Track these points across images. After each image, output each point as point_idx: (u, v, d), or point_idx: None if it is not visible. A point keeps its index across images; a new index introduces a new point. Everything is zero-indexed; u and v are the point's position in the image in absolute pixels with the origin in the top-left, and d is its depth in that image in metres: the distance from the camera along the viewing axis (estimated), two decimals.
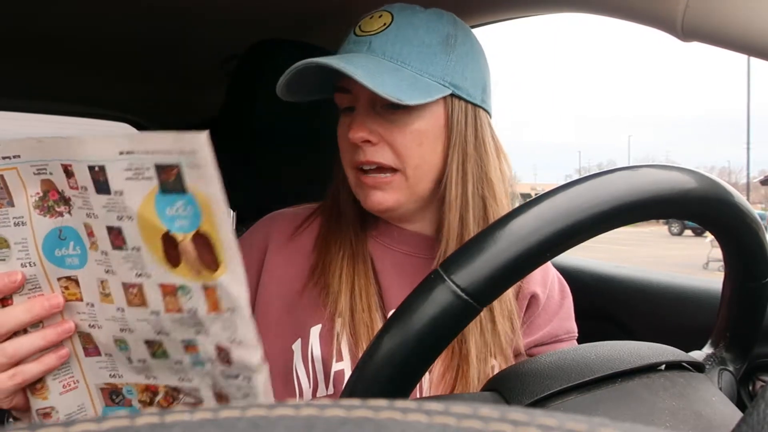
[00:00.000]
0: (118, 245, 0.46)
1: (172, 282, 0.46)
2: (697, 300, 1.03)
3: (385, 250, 0.75)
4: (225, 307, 0.46)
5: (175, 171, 0.42)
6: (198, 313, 0.46)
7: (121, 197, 0.44)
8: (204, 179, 0.41)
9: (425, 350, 0.39)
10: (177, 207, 0.43)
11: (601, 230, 0.40)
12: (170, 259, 0.45)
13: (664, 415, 0.43)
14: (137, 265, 0.46)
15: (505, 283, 0.40)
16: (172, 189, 0.42)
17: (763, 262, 0.49)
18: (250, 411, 0.13)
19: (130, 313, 0.49)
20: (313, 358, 0.70)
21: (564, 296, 0.81)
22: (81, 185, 0.46)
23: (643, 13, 0.69)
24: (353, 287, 0.71)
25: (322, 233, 0.76)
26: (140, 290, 0.47)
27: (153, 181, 0.43)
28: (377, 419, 0.13)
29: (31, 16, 1.15)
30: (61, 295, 0.50)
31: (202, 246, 0.43)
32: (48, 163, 0.46)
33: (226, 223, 0.42)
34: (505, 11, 1.03)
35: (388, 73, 0.64)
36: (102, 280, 0.49)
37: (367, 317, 0.69)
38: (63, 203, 0.48)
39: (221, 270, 0.44)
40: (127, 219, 0.45)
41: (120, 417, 0.13)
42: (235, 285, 0.44)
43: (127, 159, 0.43)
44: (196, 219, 0.43)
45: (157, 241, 0.44)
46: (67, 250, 0.49)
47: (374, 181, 0.69)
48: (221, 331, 0.47)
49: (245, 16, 1.16)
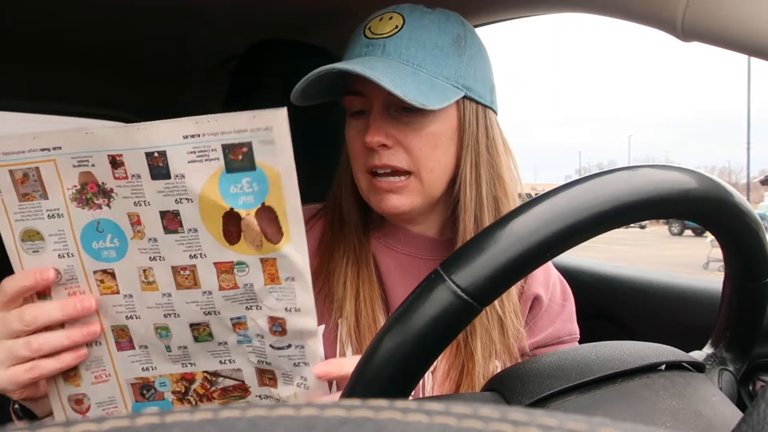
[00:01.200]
0: (172, 228, 0.47)
1: (229, 259, 0.47)
2: (697, 300, 1.03)
3: (389, 252, 0.75)
4: (284, 277, 0.47)
5: (244, 149, 0.43)
6: (254, 287, 0.48)
7: (182, 180, 0.45)
8: (276, 154, 0.42)
9: (425, 350, 0.39)
10: (242, 184, 0.44)
11: (602, 230, 0.40)
12: (229, 236, 0.46)
13: (664, 415, 0.43)
14: (192, 247, 0.47)
15: (506, 283, 0.40)
16: (239, 167, 0.43)
17: (763, 262, 0.49)
18: (250, 411, 0.13)
19: (179, 296, 0.49)
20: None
21: (566, 298, 0.81)
22: (132, 173, 0.46)
23: (643, 13, 0.69)
24: (358, 293, 0.71)
25: (324, 240, 0.75)
26: (193, 272, 0.48)
27: (219, 161, 0.44)
28: (377, 419, 0.13)
29: (31, 16, 1.15)
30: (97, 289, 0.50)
31: (267, 219, 0.45)
32: (92, 154, 0.46)
33: (295, 194, 0.44)
34: (506, 11, 1.03)
35: (409, 77, 0.64)
36: (144, 269, 0.49)
37: (371, 319, 0.69)
38: (102, 195, 0.48)
39: (284, 240, 0.45)
40: (186, 201, 0.46)
41: (120, 417, 0.13)
42: (297, 253, 0.46)
43: (192, 142, 0.43)
44: (262, 194, 0.44)
45: (217, 219, 0.46)
46: (104, 243, 0.49)
47: (390, 186, 0.68)
48: (276, 302, 0.48)
49: (245, 16, 1.16)
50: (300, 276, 0.47)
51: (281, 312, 0.49)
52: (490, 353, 0.70)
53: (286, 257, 0.46)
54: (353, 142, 0.71)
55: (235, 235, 0.46)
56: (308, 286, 0.47)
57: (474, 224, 0.70)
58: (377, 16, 0.70)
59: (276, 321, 0.49)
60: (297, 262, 0.46)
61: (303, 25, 1.18)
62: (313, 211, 0.80)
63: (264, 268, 0.47)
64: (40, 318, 0.49)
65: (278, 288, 0.48)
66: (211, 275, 0.48)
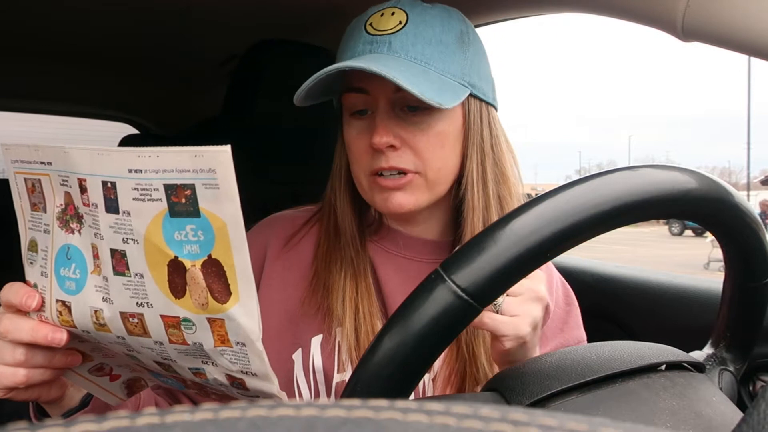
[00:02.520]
0: (120, 270, 0.43)
1: (175, 314, 0.43)
2: (697, 300, 1.03)
3: (387, 256, 0.74)
4: (234, 341, 0.43)
5: (188, 192, 0.38)
6: (204, 347, 0.44)
7: (129, 218, 0.41)
8: (222, 200, 0.38)
9: (426, 350, 0.39)
10: (187, 231, 0.39)
11: (602, 230, 0.40)
12: (174, 288, 0.42)
13: (664, 415, 0.43)
14: (139, 294, 0.43)
15: (506, 283, 0.40)
16: (182, 211, 0.39)
17: (763, 262, 0.49)
18: (251, 411, 0.13)
19: (132, 340, 0.46)
20: (315, 369, 0.69)
21: (569, 302, 0.79)
22: (93, 202, 0.43)
23: (644, 13, 0.69)
24: (357, 309, 0.69)
25: (320, 251, 0.73)
26: (141, 321, 0.44)
27: (162, 202, 0.39)
28: (378, 419, 0.13)
29: (32, 16, 1.15)
30: (57, 320, 0.48)
31: (213, 274, 0.40)
32: (69, 175, 0.44)
33: (243, 249, 0.39)
34: (506, 11, 1.03)
35: (421, 75, 0.62)
36: (96, 310, 0.46)
37: (371, 330, 0.68)
38: (76, 220, 0.46)
39: (232, 300, 0.41)
40: (133, 242, 0.42)
41: (120, 417, 0.13)
42: (246, 317, 0.41)
43: (135, 178, 0.39)
44: (209, 244, 0.39)
45: (162, 267, 0.41)
46: (68, 272, 0.47)
47: (394, 183, 0.66)
48: (230, 364, 0.45)
49: (245, 16, 1.16)
50: (250, 343, 0.42)
51: (238, 373, 0.45)
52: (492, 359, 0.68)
53: (235, 320, 0.41)
54: (356, 143, 0.68)
55: (180, 288, 0.41)
56: (260, 353, 0.43)
57: (482, 224, 0.69)
58: (377, 11, 0.68)
59: (235, 379, 0.46)
60: (246, 328, 0.41)
61: (303, 25, 1.18)
62: (308, 213, 0.78)
63: (212, 329, 0.42)
64: (11, 334, 0.48)
65: (230, 351, 0.44)
66: (159, 327, 0.44)
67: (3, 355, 0.49)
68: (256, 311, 0.41)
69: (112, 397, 0.58)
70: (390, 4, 0.68)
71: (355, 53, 0.67)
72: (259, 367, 0.44)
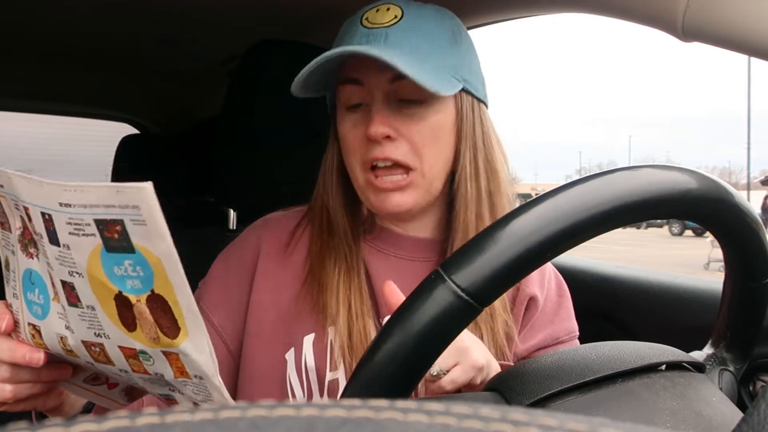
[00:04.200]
0: (72, 302, 0.42)
1: (132, 346, 0.42)
2: (697, 300, 1.03)
3: (380, 256, 0.74)
4: (192, 374, 0.42)
5: (118, 227, 0.37)
6: (165, 377, 0.43)
7: (69, 252, 0.40)
8: (151, 237, 0.36)
9: (426, 350, 0.39)
10: (125, 266, 0.38)
11: (602, 230, 0.40)
12: (125, 321, 0.41)
13: (664, 415, 0.43)
14: (94, 325, 0.42)
15: (506, 283, 0.40)
16: (117, 247, 0.38)
17: (763, 262, 0.49)
18: (251, 411, 0.13)
19: (100, 366, 0.46)
20: (307, 368, 0.69)
21: (561, 294, 0.79)
22: (38, 231, 0.42)
23: (644, 14, 0.69)
24: (350, 305, 0.69)
25: (314, 249, 0.73)
26: (102, 350, 0.44)
27: (96, 237, 0.38)
28: (378, 419, 0.13)
29: (32, 16, 1.15)
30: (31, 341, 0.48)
31: (159, 309, 0.39)
32: (18, 201, 0.42)
33: (183, 285, 0.38)
34: (505, 11, 1.03)
35: (417, 65, 0.63)
36: (61, 336, 0.45)
37: (361, 325, 0.68)
38: (33, 246, 0.44)
39: (182, 336, 0.39)
40: (77, 275, 0.41)
41: (120, 417, 0.13)
42: (198, 354, 0.40)
43: (67, 212, 0.38)
44: (149, 280, 0.38)
45: (110, 301, 0.40)
46: (34, 296, 0.46)
47: (393, 185, 0.67)
48: (194, 394, 0.44)
49: (245, 16, 1.16)
50: (207, 378, 0.42)
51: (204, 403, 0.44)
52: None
53: (188, 356, 0.40)
54: (350, 134, 0.69)
55: (131, 321, 0.40)
56: (218, 387, 0.42)
57: (475, 219, 0.70)
58: (372, 7, 0.69)
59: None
60: (200, 363, 0.40)
61: (303, 25, 1.18)
62: (300, 214, 0.78)
63: (170, 361, 0.42)
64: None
65: (191, 383, 0.43)
66: (119, 357, 0.43)
67: None
68: (207, 347, 0.40)
69: (113, 404, 0.58)
70: (385, 1, 0.69)
71: (351, 45, 0.67)
72: (220, 400, 0.43)
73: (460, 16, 0.73)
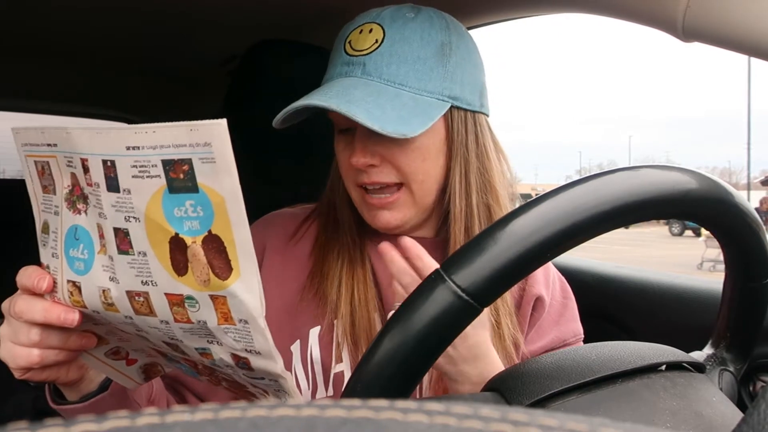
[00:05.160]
0: (124, 249, 0.43)
1: (179, 292, 0.43)
2: (697, 300, 1.03)
3: None
4: (237, 318, 0.43)
5: (185, 167, 0.38)
6: (208, 325, 0.44)
7: (129, 196, 0.41)
8: (219, 174, 0.38)
9: (426, 350, 0.39)
10: (186, 207, 0.40)
11: (602, 230, 0.40)
12: (177, 266, 0.42)
13: (664, 415, 0.43)
14: (143, 272, 0.43)
15: (506, 283, 0.40)
16: (181, 187, 0.39)
17: (763, 262, 0.49)
18: (251, 411, 0.13)
19: (139, 320, 0.46)
20: (312, 360, 0.70)
21: (566, 296, 0.80)
22: (95, 181, 0.43)
23: (644, 14, 0.69)
24: (353, 294, 0.70)
25: (319, 241, 0.74)
26: (147, 299, 0.44)
27: (160, 179, 0.39)
28: (378, 419, 0.13)
29: (32, 16, 1.15)
30: (69, 300, 0.48)
31: (214, 250, 0.40)
32: (73, 156, 0.44)
33: (243, 224, 0.39)
34: (505, 11, 1.03)
35: (389, 101, 0.63)
36: (104, 289, 0.46)
37: (366, 319, 0.69)
38: (83, 201, 0.46)
39: (233, 276, 0.41)
40: (134, 220, 0.42)
41: (120, 417, 0.13)
42: (248, 294, 0.41)
43: (133, 155, 0.39)
44: (208, 220, 0.39)
45: (164, 245, 0.41)
46: (77, 252, 0.47)
47: (381, 202, 0.68)
48: (234, 342, 0.45)
49: (245, 16, 1.16)
50: (253, 320, 0.42)
51: (243, 352, 0.45)
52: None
53: (237, 297, 0.41)
54: (341, 156, 0.70)
55: (182, 265, 0.41)
56: (263, 330, 0.43)
57: (464, 234, 0.70)
58: (357, 27, 0.68)
59: (240, 359, 0.46)
60: (248, 304, 0.41)
61: (303, 25, 1.18)
62: (307, 211, 0.79)
63: (215, 306, 0.42)
64: (25, 315, 0.49)
65: (233, 329, 0.44)
66: (164, 306, 0.44)
67: (18, 335, 0.50)
68: (258, 287, 0.41)
69: (129, 381, 0.58)
70: (370, 18, 0.68)
71: (333, 75, 0.68)
72: (263, 345, 0.44)
73: (460, 16, 0.73)
